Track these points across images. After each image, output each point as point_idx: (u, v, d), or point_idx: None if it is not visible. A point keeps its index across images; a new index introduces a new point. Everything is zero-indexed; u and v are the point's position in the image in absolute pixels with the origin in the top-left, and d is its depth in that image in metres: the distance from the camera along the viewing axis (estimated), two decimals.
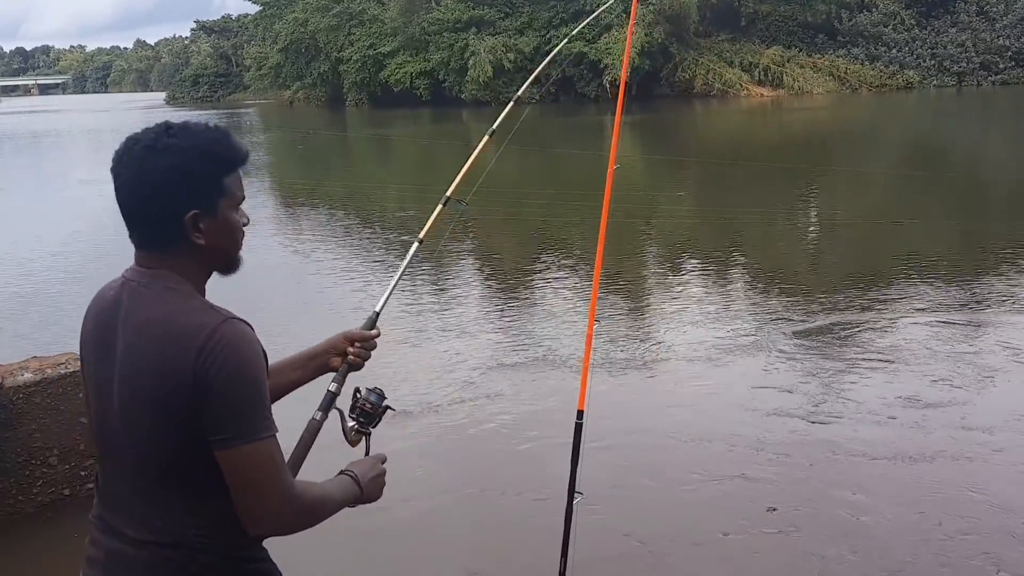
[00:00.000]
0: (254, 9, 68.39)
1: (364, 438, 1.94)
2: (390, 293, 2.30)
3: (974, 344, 6.34)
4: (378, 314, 2.20)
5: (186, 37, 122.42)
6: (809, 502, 4.18)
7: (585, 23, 6.66)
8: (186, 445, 1.54)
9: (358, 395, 1.94)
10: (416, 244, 2.50)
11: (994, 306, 7.22)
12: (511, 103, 3.05)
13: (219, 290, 1.69)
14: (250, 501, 1.55)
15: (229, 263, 1.67)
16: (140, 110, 64.01)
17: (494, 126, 2.93)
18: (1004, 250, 9.41)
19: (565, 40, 4.38)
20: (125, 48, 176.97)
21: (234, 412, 1.51)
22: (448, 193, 2.64)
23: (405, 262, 2.42)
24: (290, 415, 1.90)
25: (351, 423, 1.94)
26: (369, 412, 1.93)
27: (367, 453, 1.92)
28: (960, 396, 5.36)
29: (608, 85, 43.50)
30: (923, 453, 4.58)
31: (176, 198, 1.56)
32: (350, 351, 2.02)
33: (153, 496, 1.59)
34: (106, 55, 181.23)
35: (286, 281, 9.33)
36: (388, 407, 1.96)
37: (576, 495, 2.73)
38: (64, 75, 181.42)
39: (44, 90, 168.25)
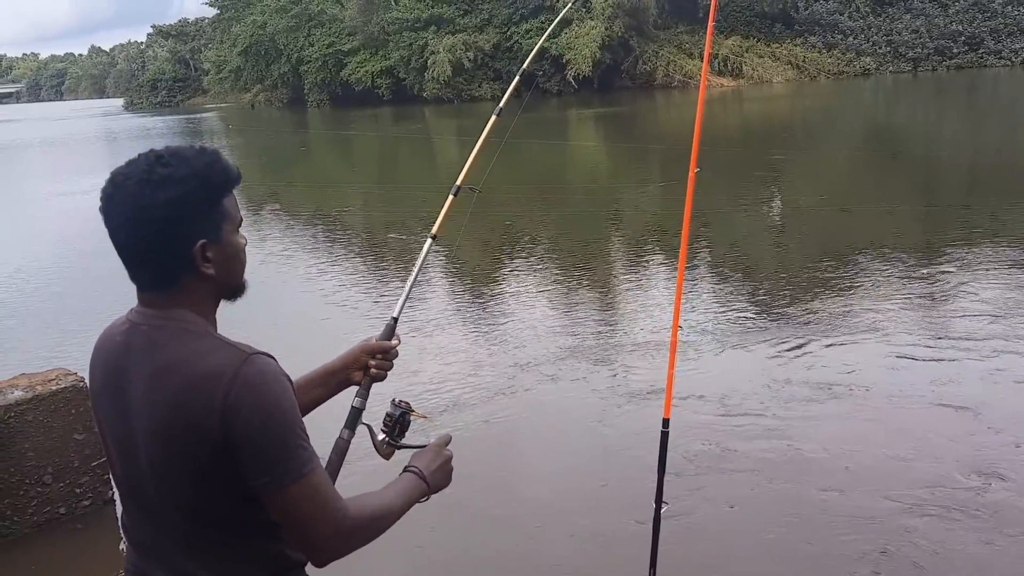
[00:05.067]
0: (212, 13, 67.89)
1: (396, 450, 1.91)
2: (406, 297, 2.18)
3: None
4: (396, 320, 2.09)
5: (142, 42, 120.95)
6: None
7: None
8: (225, 493, 1.49)
9: (390, 409, 1.91)
10: (429, 240, 2.31)
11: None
12: (516, 79, 2.83)
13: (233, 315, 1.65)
14: (306, 535, 1.51)
15: (236, 288, 1.60)
16: (100, 117, 63.07)
17: (500, 104, 2.68)
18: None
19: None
20: (80, 54, 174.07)
21: (273, 455, 1.45)
22: (458, 182, 2.43)
23: (419, 261, 2.26)
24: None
25: (381, 436, 1.90)
26: (396, 425, 1.90)
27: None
28: None
29: (572, 80, 43.66)
30: None
31: (183, 230, 1.47)
32: (371, 364, 1.96)
33: (194, 548, 1.54)
34: (60, 62, 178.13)
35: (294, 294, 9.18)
36: (411, 417, 1.92)
37: (663, 504, 2.71)
38: (18, 84, 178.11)
39: None
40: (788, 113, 29.51)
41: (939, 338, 6.21)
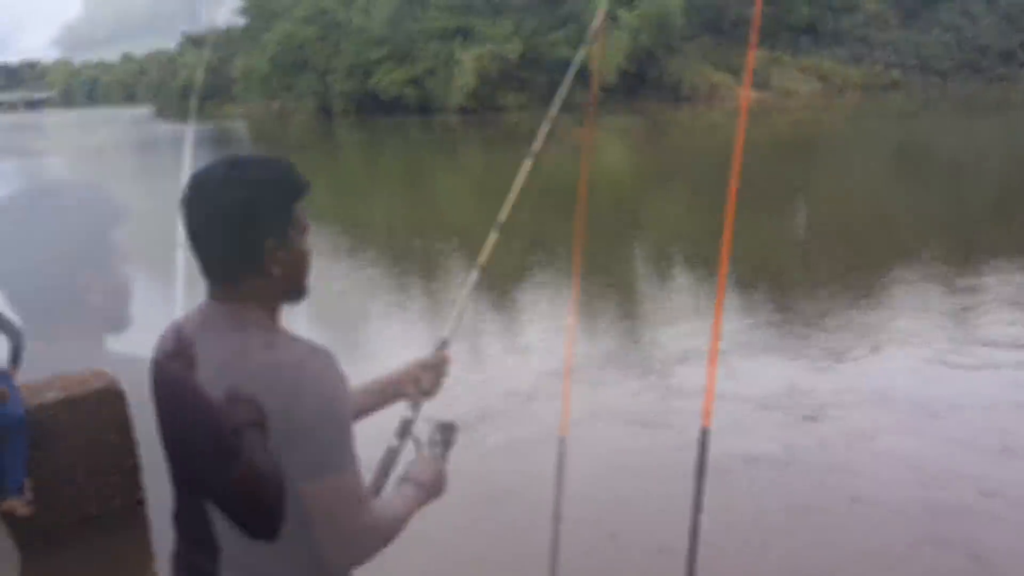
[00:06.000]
0: (242, 22, 68.69)
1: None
2: (458, 321, 2.28)
3: None
4: (446, 341, 2.20)
5: (173, 50, 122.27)
6: None
7: None
8: (281, 488, 1.54)
9: (435, 428, 1.99)
10: (477, 271, 2.43)
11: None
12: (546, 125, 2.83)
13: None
14: (332, 533, 1.56)
15: (300, 291, 1.68)
16: (131, 124, 63.87)
17: (535, 147, 2.80)
18: None
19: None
20: (112, 62, 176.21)
21: (322, 448, 1.52)
22: (501, 219, 2.56)
23: (467, 289, 2.37)
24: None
25: (427, 452, 1.96)
26: (446, 444, 1.97)
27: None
28: None
29: (600, 91, 43.56)
30: None
31: (255, 229, 1.57)
32: (423, 379, 2.07)
33: (249, 543, 1.59)
34: (92, 69, 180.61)
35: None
36: (454, 430, 2.00)
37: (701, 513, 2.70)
38: (51, 90, 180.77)
39: (31, 106, 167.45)
40: (818, 125, 29.35)
41: (985, 345, 6.23)
